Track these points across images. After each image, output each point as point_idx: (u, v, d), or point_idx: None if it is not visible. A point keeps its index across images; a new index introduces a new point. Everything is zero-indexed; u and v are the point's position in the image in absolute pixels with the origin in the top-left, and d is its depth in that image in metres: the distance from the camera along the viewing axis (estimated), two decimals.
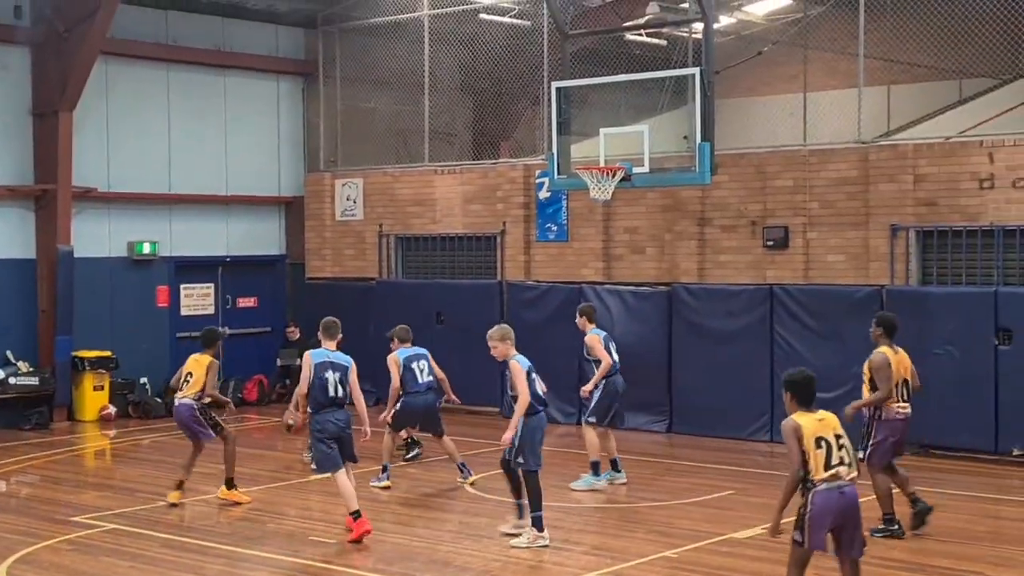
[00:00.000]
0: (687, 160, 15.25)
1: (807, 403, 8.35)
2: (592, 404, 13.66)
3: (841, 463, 8.14)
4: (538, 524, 11.05)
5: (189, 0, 19.94)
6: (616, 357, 13.76)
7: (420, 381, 14.22)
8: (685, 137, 15.19)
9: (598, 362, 13.67)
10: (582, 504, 12.85)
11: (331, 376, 11.40)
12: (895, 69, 19.41)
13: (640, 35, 20.42)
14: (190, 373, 13.00)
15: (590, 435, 13.56)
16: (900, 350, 11.60)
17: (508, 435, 11.14)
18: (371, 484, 13.63)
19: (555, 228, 18.73)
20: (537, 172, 18.72)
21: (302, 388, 11.52)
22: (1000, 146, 15.09)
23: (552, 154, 16.20)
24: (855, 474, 8.24)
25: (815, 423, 8.26)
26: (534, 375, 11.41)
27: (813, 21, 18.56)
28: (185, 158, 20.41)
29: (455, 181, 19.84)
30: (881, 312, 13.07)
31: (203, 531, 12.07)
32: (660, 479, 14.23)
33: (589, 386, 13.72)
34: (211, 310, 21.08)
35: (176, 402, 13.07)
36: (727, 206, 17.11)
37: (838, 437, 8.21)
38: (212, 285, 21.13)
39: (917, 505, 11.61)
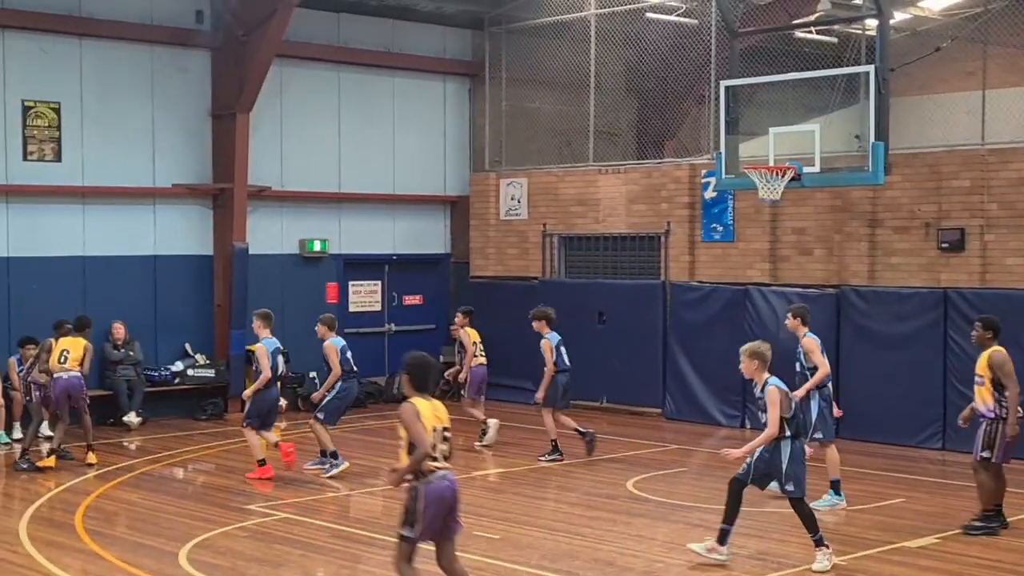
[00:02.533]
0: (858, 160, 14.93)
1: (422, 388, 8.30)
2: (815, 418, 12.55)
3: (444, 457, 8.27)
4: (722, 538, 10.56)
5: (360, 3, 20.36)
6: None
7: (567, 362, 15.52)
8: (857, 136, 14.88)
9: (812, 369, 12.62)
10: (745, 508, 12.68)
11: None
12: None
13: (810, 32, 20.04)
14: (67, 351, 14.68)
15: (832, 454, 12.69)
16: None
17: (737, 453, 10.45)
18: (539, 459, 15.17)
19: (720, 228, 18.53)
20: (702, 172, 18.56)
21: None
22: None
23: (720, 153, 16.04)
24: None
25: (430, 411, 8.21)
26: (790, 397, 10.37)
27: (993, 15, 17.93)
28: (354, 158, 20.86)
29: (619, 181, 19.81)
30: (985, 315, 12.51)
31: (369, 522, 12.33)
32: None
33: (799, 392, 12.29)
34: (378, 307, 21.50)
35: (65, 376, 14.65)
36: (899, 207, 16.68)
37: (445, 430, 8.29)
38: (379, 283, 21.55)
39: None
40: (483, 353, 16.94)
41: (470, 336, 16.78)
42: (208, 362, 19.03)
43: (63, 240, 17.95)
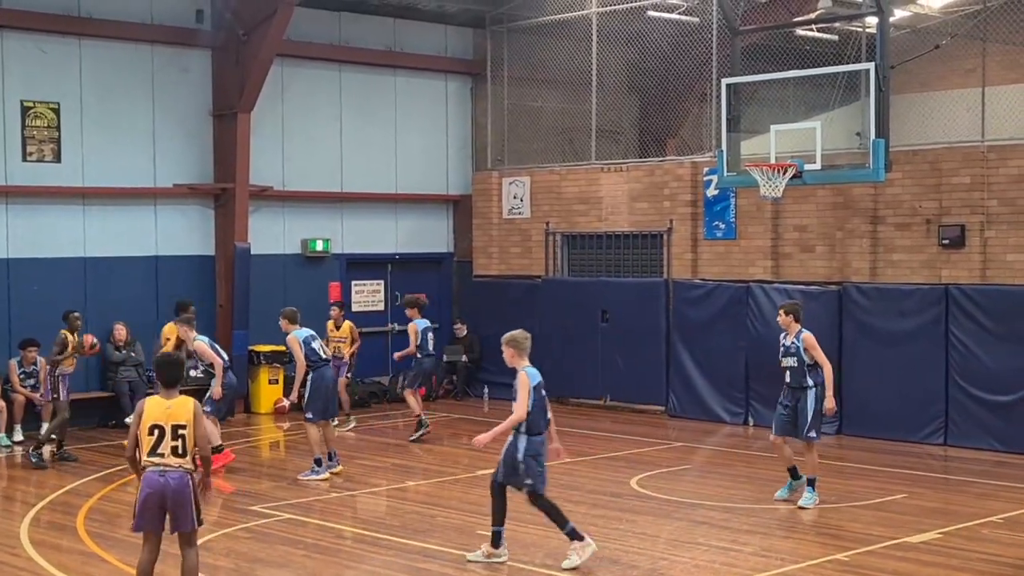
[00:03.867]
0: (859, 157, 14.95)
1: (167, 384, 8.62)
2: (811, 418, 12.46)
3: (175, 453, 8.52)
4: (496, 540, 10.50)
5: (361, 2, 20.37)
6: None
7: (431, 348, 17.07)
8: (858, 133, 14.90)
9: (812, 366, 12.50)
10: (748, 505, 12.70)
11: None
12: None
13: (811, 30, 20.05)
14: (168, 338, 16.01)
15: (814, 453, 12.62)
16: None
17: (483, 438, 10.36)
18: (409, 440, 16.74)
19: (723, 226, 18.54)
20: (704, 169, 18.58)
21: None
22: None
23: (721, 151, 16.06)
24: (187, 463, 8.57)
25: (159, 409, 8.56)
26: (543, 392, 10.40)
27: (993, 12, 17.92)
28: (356, 157, 20.88)
29: (621, 179, 19.83)
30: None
31: (374, 523, 12.36)
32: (830, 481, 13.93)
33: (831, 402, 12.48)
34: (380, 306, 21.51)
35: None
36: (901, 204, 16.69)
37: (178, 427, 8.51)
38: (382, 282, 21.56)
39: None
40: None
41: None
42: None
43: (63, 241, 17.96)
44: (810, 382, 12.52)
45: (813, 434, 12.54)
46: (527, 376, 10.23)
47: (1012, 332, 15.61)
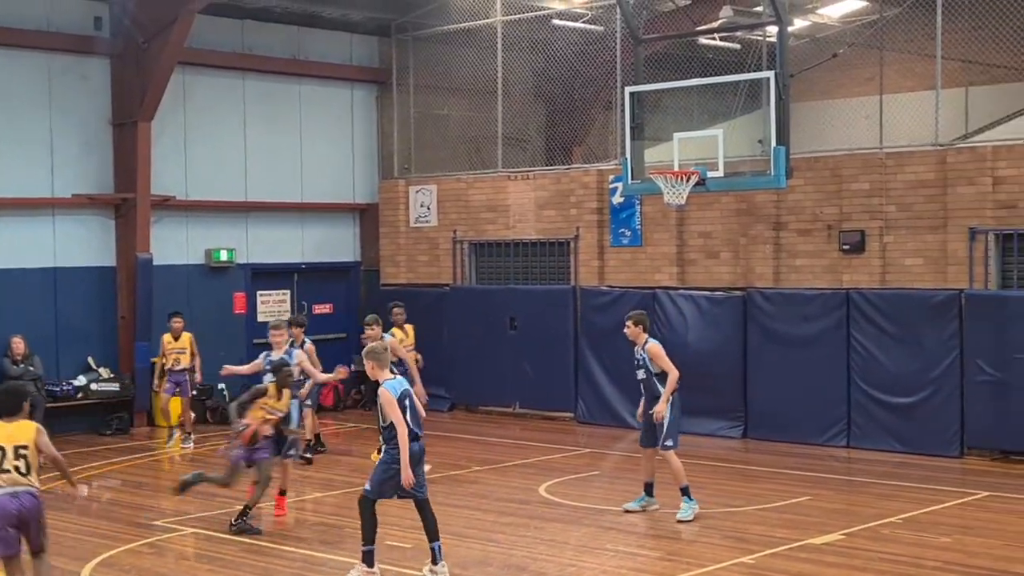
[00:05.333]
0: (762, 164, 15.14)
1: (8, 413, 8.90)
2: (667, 426, 12.25)
3: (17, 471, 8.75)
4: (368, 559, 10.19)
5: (264, 9, 20.17)
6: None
7: None
8: (760, 141, 15.08)
9: (661, 375, 12.28)
10: (658, 510, 12.78)
11: None
12: (973, 70, 19.11)
13: (713, 39, 20.31)
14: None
15: (676, 461, 12.31)
16: None
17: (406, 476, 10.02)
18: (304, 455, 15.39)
19: (629, 233, 18.68)
20: (610, 177, 18.69)
21: None
22: None
23: (626, 159, 16.16)
24: (34, 482, 8.82)
25: (5, 432, 8.82)
26: (407, 401, 10.15)
27: (889, 22, 18.31)
28: (261, 166, 20.66)
29: (528, 187, 19.87)
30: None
31: (281, 535, 12.20)
32: (735, 485, 14.12)
33: (662, 406, 12.18)
34: (287, 317, 21.21)
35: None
36: (802, 210, 16.95)
37: (20, 447, 8.78)
38: (288, 292, 21.36)
39: None
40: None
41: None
42: (112, 376, 18.70)
43: None
44: (663, 390, 12.24)
45: (670, 443, 12.24)
46: (388, 391, 10.02)
47: (911, 335, 15.93)
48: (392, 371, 10.39)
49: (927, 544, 11.24)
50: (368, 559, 10.12)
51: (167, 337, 17.63)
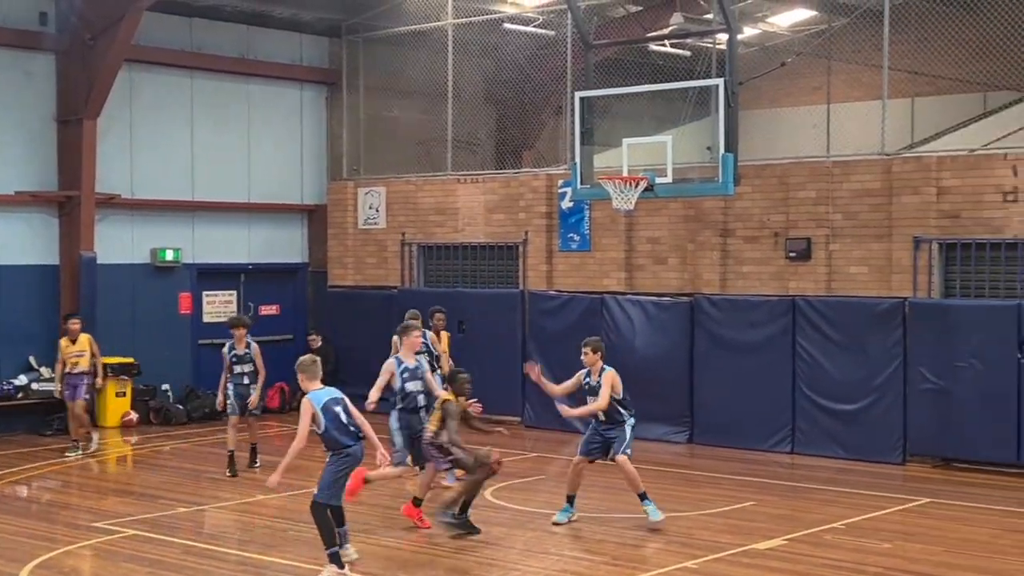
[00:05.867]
0: (710, 171, 15.22)
1: None
2: (628, 438, 12.23)
3: None
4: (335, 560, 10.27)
5: (214, 8, 20.01)
6: None
7: None
8: (708, 148, 15.16)
9: (620, 400, 12.36)
10: (601, 515, 12.79)
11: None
12: (919, 81, 19.34)
13: (664, 46, 20.39)
14: None
15: (632, 468, 12.27)
16: None
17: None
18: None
19: (577, 238, 18.70)
20: (560, 182, 18.72)
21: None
22: None
23: (575, 164, 16.19)
24: None
25: None
26: (336, 408, 10.35)
27: (837, 32, 18.49)
28: (208, 165, 20.49)
29: (477, 190, 19.85)
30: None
31: (223, 538, 12.11)
32: (680, 490, 14.16)
33: (575, 412, 12.61)
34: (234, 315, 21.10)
35: None
36: (750, 217, 17.06)
37: None
38: (234, 292, 21.19)
39: None
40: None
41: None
42: (54, 376, 18.42)
43: None
44: (624, 415, 12.28)
45: (629, 451, 12.20)
46: (310, 401, 10.23)
47: (855, 342, 16.07)
48: (322, 383, 10.36)
49: (868, 550, 11.33)
50: (335, 560, 10.23)
51: (64, 341, 16.76)
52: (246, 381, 15.34)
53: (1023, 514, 13.06)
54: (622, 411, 12.34)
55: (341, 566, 10.24)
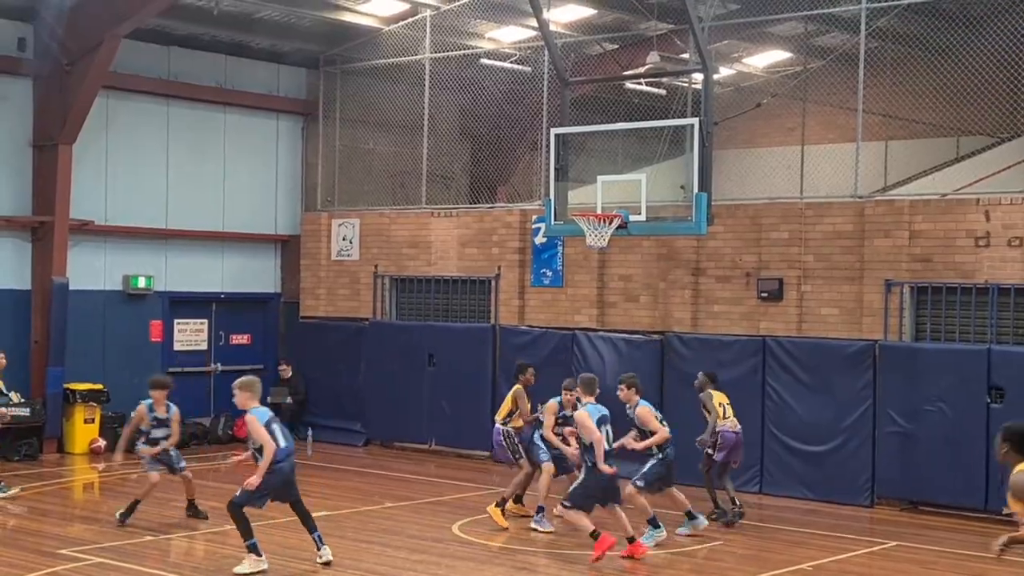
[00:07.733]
0: (683, 210, 15.29)
1: None
2: (647, 470, 13.36)
3: None
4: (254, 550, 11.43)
5: (192, 36, 20.04)
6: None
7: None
8: (682, 187, 15.25)
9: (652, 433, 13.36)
10: (569, 551, 12.75)
11: None
12: (893, 125, 19.52)
13: (640, 84, 20.55)
14: None
15: (642, 499, 13.20)
16: None
17: (254, 480, 11.39)
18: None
19: (550, 274, 18.75)
20: (533, 217, 18.78)
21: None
22: (996, 204, 15.14)
23: (549, 200, 16.24)
24: None
25: None
26: (275, 426, 11.58)
27: (812, 75, 18.67)
28: (182, 194, 20.46)
29: (451, 224, 19.89)
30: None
31: (189, 567, 12.03)
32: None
33: (640, 444, 13.42)
34: (204, 346, 21.05)
35: None
36: (722, 257, 17.15)
37: None
38: (206, 321, 21.12)
39: None
40: None
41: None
42: (23, 401, 18.30)
43: None
44: (655, 449, 13.35)
45: (641, 483, 13.27)
46: (255, 418, 11.38)
47: (825, 384, 16.14)
48: (261, 402, 11.65)
49: None
50: (254, 550, 11.36)
51: None
52: (164, 445, 14.04)
53: (989, 559, 13.09)
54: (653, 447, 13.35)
55: (259, 554, 11.31)
